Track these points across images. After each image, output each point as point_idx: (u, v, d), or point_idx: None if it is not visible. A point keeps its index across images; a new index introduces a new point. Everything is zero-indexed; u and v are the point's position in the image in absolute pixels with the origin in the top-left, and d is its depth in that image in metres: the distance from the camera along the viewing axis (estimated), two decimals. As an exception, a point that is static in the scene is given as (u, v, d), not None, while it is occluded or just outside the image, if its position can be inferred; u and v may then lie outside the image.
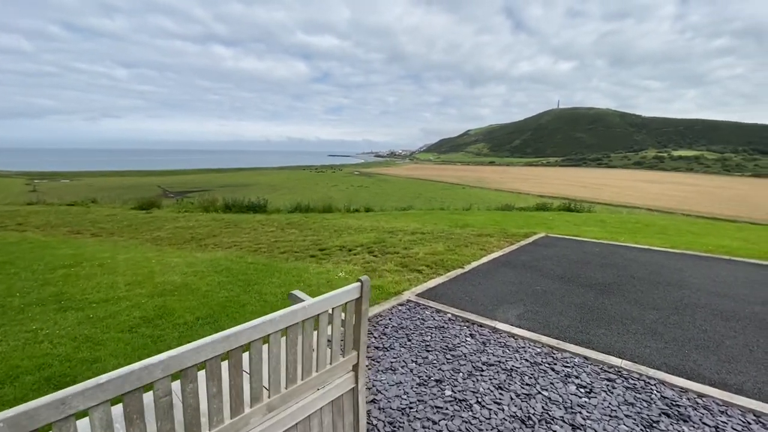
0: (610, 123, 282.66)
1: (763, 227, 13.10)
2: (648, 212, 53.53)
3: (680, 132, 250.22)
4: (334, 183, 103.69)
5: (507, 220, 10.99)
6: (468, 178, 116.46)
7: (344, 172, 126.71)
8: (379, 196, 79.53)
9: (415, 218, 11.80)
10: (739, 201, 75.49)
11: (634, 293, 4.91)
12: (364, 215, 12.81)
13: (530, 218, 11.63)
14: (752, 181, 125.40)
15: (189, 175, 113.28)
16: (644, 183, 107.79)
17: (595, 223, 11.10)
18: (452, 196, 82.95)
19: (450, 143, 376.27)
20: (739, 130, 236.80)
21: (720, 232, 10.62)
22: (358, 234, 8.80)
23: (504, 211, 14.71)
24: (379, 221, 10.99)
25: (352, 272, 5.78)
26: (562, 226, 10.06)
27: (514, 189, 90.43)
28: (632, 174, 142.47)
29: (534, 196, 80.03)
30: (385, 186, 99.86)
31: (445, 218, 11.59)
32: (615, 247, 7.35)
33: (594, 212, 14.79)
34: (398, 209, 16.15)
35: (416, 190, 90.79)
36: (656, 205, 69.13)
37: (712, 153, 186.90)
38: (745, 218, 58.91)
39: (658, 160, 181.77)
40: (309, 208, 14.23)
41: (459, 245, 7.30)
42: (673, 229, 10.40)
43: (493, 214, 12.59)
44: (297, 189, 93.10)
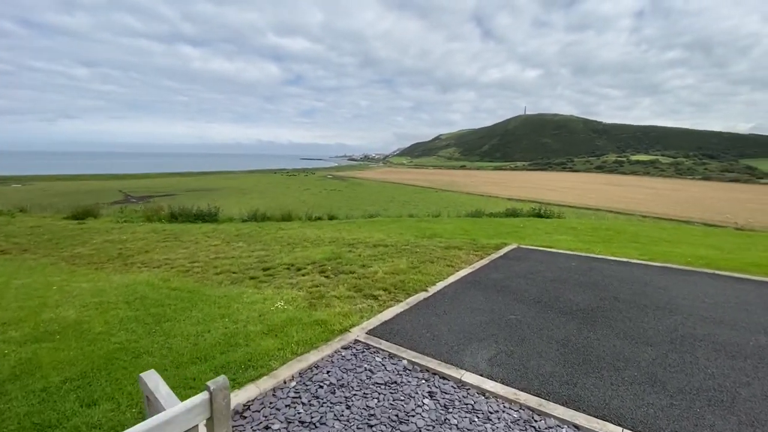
0: (574, 129, 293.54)
1: (726, 232, 13.08)
2: (614, 216, 55.24)
3: (637, 138, 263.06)
4: (307, 186, 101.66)
5: (477, 229, 10.28)
6: (440, 181, 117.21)
7: (317, 176, 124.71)
8: (353, 200, 78.41)
9: (380, 227, 10.90)
10: (691, 203, 79.47)
11: (621, 322, 4.19)
12: (327, 224, 11.79)
13: (501, 226, 10.98)
14: (702, 184, 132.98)
15: (154, 178, 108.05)
16: (606, 186, 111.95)
17: (566, 230, 10.58)
18: (425, 199, 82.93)
19: (422, 147, 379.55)
20: (689, 137, 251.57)
21: (690, 238, 10.33)
22: (313, 248, 7.79)
23: (474, 217, 14.06)
24: (341, 231, 10.00)
25: (294, 300, 4.78)
26: (534, 235, 9.44)
27: (484, 192, 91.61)
28: (595, 177, 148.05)
29: (503, 199, 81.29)
30: (359, 189, 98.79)
31: (412, 227, 10.76)
32: (592, 261, 6.71)
33: (564, 218, 14.41)
34: (365, 216, 15.20)
35: (390, 194, 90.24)
36: (617, 207, 71.63)
37: (667, 157, 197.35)
38: (698, 219, 61.87)
39: (618, 165, 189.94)
40: (265, 216, 13.02)
41: (424, 261, 6.44)
42: (645, 237, 10.00)
43: (462, 222, 11.88)
44: (268, 193, 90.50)
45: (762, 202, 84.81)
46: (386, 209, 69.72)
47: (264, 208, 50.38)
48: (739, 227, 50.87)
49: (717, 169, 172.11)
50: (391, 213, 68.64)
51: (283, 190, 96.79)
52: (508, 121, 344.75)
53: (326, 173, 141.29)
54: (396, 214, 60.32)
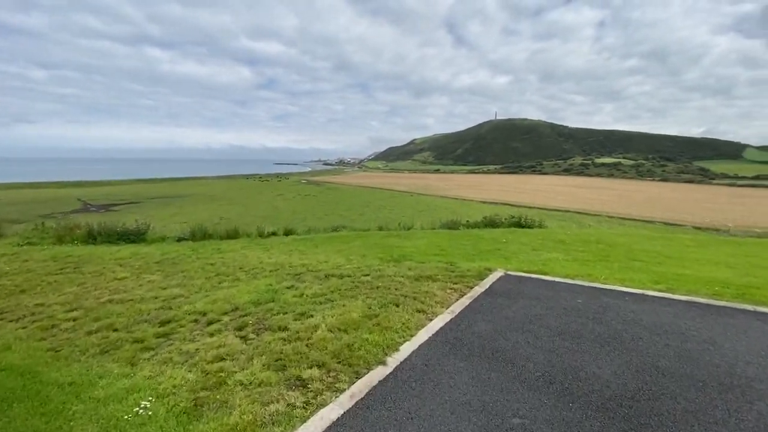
0: (542, 133, 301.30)
1: (718, 241, 12.13)
2: (596, 224, 55.47)
3: (601, 141, 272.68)
4: (280, 192, 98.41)
5: (454, 247, 8.70)
6: (415, 185, 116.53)
7: (291, 181, 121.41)
8: (327, 205, 76.07)
9: (341, 245, 9.16)
10: (651, 203, 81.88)
11: (681, 416, 2.64)
12: (279, 242, 9.93)
13: (480, 241, 9.46)
14: (661, 185, 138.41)
15: (117, 186, 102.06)
16: (573, 188, 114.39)
17: (554, 245, 9.18)
18: (401, 203, 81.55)
19: (397, 151, 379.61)
20: (648, 140, 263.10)
21: (689, 252, 9.14)
22: (246, 282, 5.96)
23: (450, 229, 12.52)
24: (291, 254, 8.20)
25: (175, 393, 2.97)
26: (520, 254, 7.95)
27: (458, 196, 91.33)
28: (563, 180, 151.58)
29: (478, 203, 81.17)
30: (334, 194, 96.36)
31: (378, 245, 9.06)
32: (600, 294, 5.22)
33: (546, 227, 13.13)
34: (328, 230, 13.43)
35: (366, 199, 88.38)
36: (586, 208, 72.72)
37: (628, 160, 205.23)
38: (659, 219, 63.56)
39: (583, 167, 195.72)
40: (207, 234, 10.99)
41: (386, 303, 4.74)
42: (642, 252, 8.72)
43: (437, 237, 10.30)
44: (238, 199, 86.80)
45: (715, 202, 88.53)
46: (362, 214, 68.12)
47: (232, 216, 46.98)
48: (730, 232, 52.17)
49: (674, 170, 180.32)
50: (367, 218, 67.04)
51: (255, 195, 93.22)
52: (480, 126, 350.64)
53: (300, 178, 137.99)
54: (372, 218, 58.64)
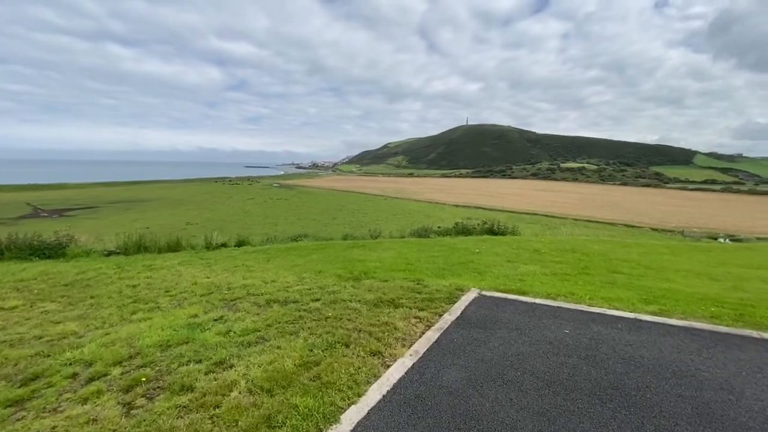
0: (511, 139, 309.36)
1: (690, 248, 11.89)
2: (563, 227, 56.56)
3: (566, 147, 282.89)
4: (251, 196, 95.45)
5: (423, 260, 7.78)
6: (389, 189, 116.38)
7: (263, 185, 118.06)
8: (300, 209, 74.30)
9: (296, 260, 8.06)
10: (612, 206, 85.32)
11: None
12: (225, 256, 8.71)
13: (452, 252, 8.61)
14: (621, 189, 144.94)
15: (74, 189, 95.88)
16: (541, 192, 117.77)
17: (530, 255, 8.46)
18: (375, 207, 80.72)
19: (371, 155, 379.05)
20: (609, 146, 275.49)
21: (666, 262, 8.66)
22: (166, 311, 4.80)
23: (420, 237, 11.65)
24: (235, 272, 7.04)
25: None
26: (495, 267, 7.14)
27: (432, 199, 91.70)
28: (531, 184, 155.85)
29: (451, 206, 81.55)
30: (307, 198, 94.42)
31: (339, 258, 8.02)
32: (589, 321, 4.42)
33: (520, 235, 12.52)
34: (287, 239, 12.24)
35: (339, 202, 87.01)
36: (553, 211, 74.69)
37: (591, 165, 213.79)
38: (620, 221, 66.03)
39: (550, 171, 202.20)
40: (142, 246, 9.55)
41: (334, 342, 3.72)
42: (620, 262, 8.13)
43: (405, 247, 9.37)
44: (206, 203, 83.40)
45: (670, 204, 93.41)
46: (335, 218, 66.80)
47: (200, 221, 44.50)
48: (684, 233, 54.06)
49: (632, 175, 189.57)
50: (340, 221, 65.75)
51: (225, 200, 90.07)
52: (452, 131, 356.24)
53: (272, 181, 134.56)
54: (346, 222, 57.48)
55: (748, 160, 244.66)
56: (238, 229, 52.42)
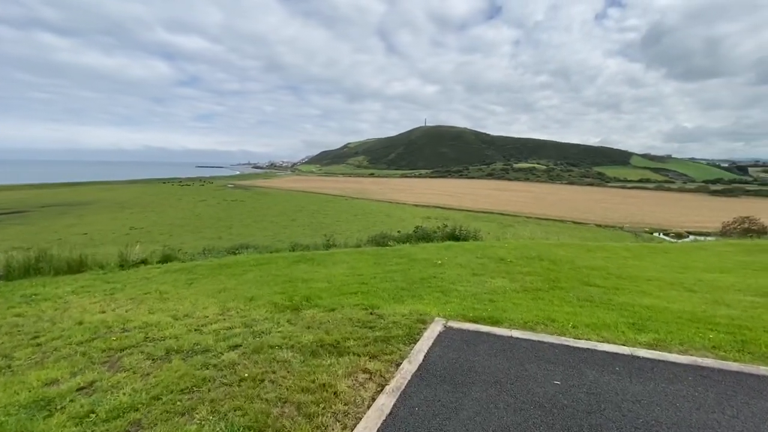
0: (467, 140, 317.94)
1: (650, 249, 11.77)
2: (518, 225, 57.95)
3: (518, 148, 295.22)
4: (203, 197, 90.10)
5: (380, 275, 6.69)
6: (350, 189, 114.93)
7: (216, 185, 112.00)
8: (257, 212, 70.87)
9: (227, 281, 6.67)
10: (562, 205, 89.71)
11: None
12: (141, 276, 7.12)
13: (412, 264, 7.60)
14: (568, 188, 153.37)
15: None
16: (496, 191, 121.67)
17: (496, 265, 7.65)
18: (336, 208, 78.85)
19: (332, 155, 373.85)
20: (557, 148, 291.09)
21: (632, 268, 8.22)
22: (18, 374, 3.34)
23: (378, 246, 10.56)
24: (145, 299, 5.57)
25: None
26: (461, 283, 6.21)
27: (392, 199, 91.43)
28: (486, 183, 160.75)
29: (411, 206, 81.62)
30: (265, 200, 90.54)
31: (280, 278, 6.72)
32: (579, 362, 3.53)
33: (482, 239, 11.84)
34: (226, 250, 10.69)
35: (299, 203, 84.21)
36: (508, 210, 77.07)
37: (541, 165, 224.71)
38: (568, 218, 69.39)
39: (504, 171, 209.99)
40: (32, 267, 7.57)
41: (243, 429, 2.53)
42: (589, 270, 7.53)
43: (361, 258, 8.22)
44: (153, 206, 77.47)
45: (611, 202, 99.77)
46: (294, 219, 64.32)
47: (145, 225, 40.69)
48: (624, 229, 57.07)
49: (577, 174, 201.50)
50: (300, 222, 63.21)
51: (174, 202, 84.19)
52: (412, 132, 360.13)
53: (227, 182, 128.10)
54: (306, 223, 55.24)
55: (677, 161, 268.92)
56: (187, 233, 48.75)
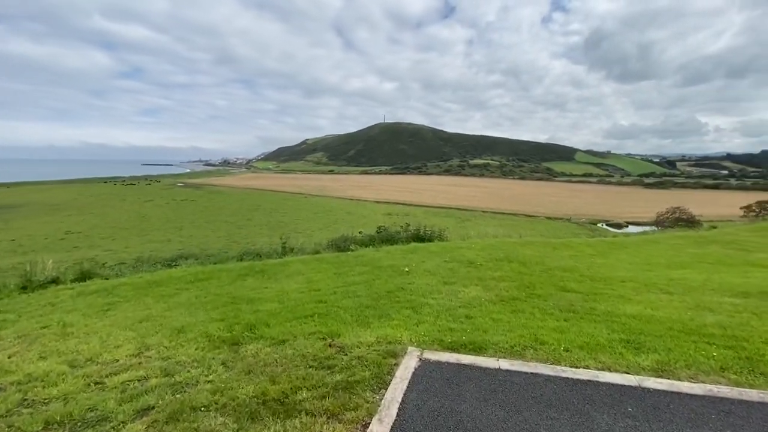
0: (425, 137, 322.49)
1: (610, 245, 11.81)
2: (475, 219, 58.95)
3: (473, 145, 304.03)
4: (150, 197, 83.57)
5: (340, 292, 5.77)
6: (310, 186, 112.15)
7: (164, 184, 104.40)
8: (209, 212, 66.71)
9: (155, 304, 5.46)
10: (515, 199, 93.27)
11: None
12: (49, 299, 5.69)
13: (377, 274, 6.76)
14: (520, 183, 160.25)
15: None
16: (453, 187, 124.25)
17: (467, 271, 7.03)
18: (295, 206, 76.17)
19: (289, 152, 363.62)
20: (509, 144, 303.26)
21: (597, 263, 7.98)
22: None
23: (339, 251, 9.57)
24: (42, 335, 4.30)
25: None
26: (432, 296, 5.48)
27: (353, 196, 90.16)
28: (444, 180, 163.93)
29: (372, 202, 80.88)
30: (218, 198, 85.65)
31: (221, 297, 5.60)
32: (582, 400, 2.88)
33: (447, 240, 11.27)
34: (162, 261, 9.21)
35: (255, 202, 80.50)
36: (464, 205, 78.72)
37: (495, 161, 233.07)
38: (521, 212, 72.23)
39: (461, 168, 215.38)
40: None
41: None
42: (560, 271, 7.13)
43: (319, 269, 7.22)
44: (92, 207, 70.63)
45: (559, 195, 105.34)
46: (250, 219, 61.25)
47: (84, 229, 36.32)
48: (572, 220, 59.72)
49: (528, 170, 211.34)
50: (256, 222, 60.21)
51: (117, 203, 77.30)
52: (371, 128, 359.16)
53: (177, 180, 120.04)
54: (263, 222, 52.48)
55: (615, 156, 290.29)
56: (132, 236, 44.54)
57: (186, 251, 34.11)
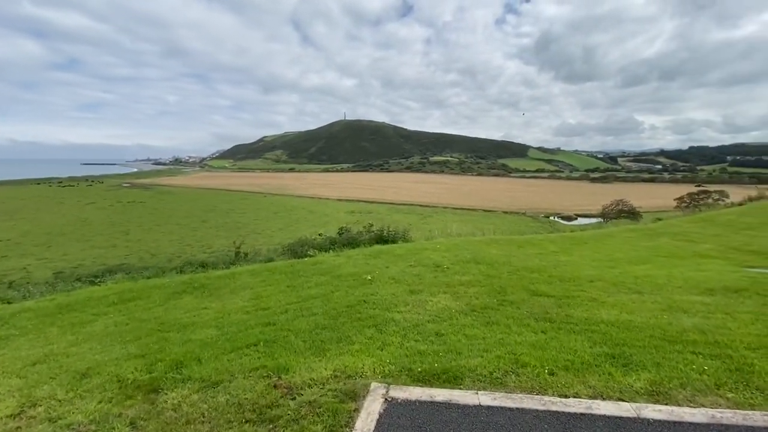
0: (387, 134, 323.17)
1: (566, 238, 11.86)
2: (436, 215, 59.34)
3: (433, 142, 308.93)
4: (92, 199, 76.67)
5: (293, 310, 4.97)
6: (269, 185, 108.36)
7: (108, 185, 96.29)
8: (159, 214, 62.21)
9: (62, 335, 4.42)
10: (473, 194, 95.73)
11: None
12: None
13: (337, 285, 6.04)
14: (478, 179, 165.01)
15: None
16: (415, 183, 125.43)
17: (434, 276, 6.52)
18: (253, 205, 72.96)
19: (247, 149, 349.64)
20: (467, 142, 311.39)
21: (561, 261, 7.80)
22: None
23: (296, 258, 8.66)
24: None
25: None
26: (397, 309, 4.87)
27: (315, 195, 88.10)
28: (406, 177, 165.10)
29: (334, 201, 79.41)
30: (169, 200, 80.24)
31: (146, 323, 4.61)
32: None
33: (412, 242, 10.76)
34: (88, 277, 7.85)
35: (210, 202, 76.28)
36: (425, 201, 79.56)
37: (454, 158, 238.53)
38: (479, 207, 74.21)
39: (421, 165, 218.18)
40: None
41: None
42: (528, 272, 6.81)
43: (270, 282, 6.34)
44: (24, 212, 63.58)
45: (514, 191, 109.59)
46: (205, 221, 57.82)
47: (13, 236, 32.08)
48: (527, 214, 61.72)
49: (485, 166, 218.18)
50: (211, 224, 56.79)
51: (53, 206, 70.10)
52: (332, 125, 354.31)
53: (122, 181, 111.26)
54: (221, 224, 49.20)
55: (565, 153, 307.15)
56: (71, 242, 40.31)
57: (131, 259, 31.18)
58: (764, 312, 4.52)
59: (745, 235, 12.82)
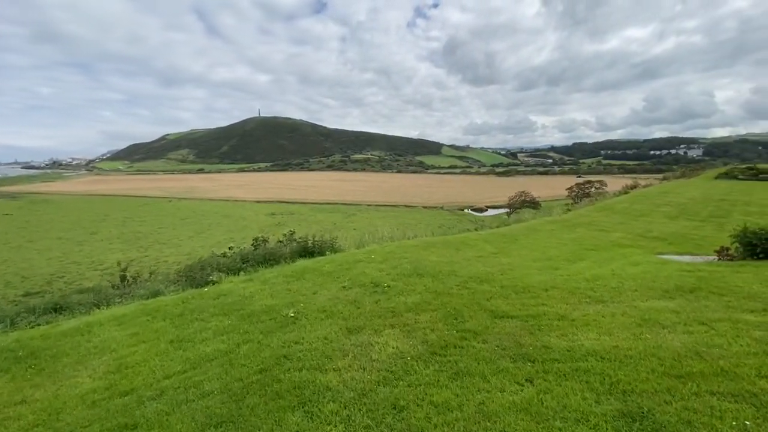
0: (305, 132, 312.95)
1: (497, 235, 11.54)
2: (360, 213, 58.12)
3: (353, 141, 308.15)
4: (-70, 214, 59.86)
5: (174, 386, 3.25)
6: (175, 188, 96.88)
7: (-46, 195, 76.37)
8: (33, 229, 50.69)
9: None
10: (394, 191, 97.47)
11: None
12: None
13: (248, 332, 4.32)
14: (398, 176, 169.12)
15: None
16: (337, 182, 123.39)
17: (375, 302, 5.21)
18: (156, 212, 63.88)
19: (145, 149, 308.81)
20: (386, 140, 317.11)
21: (509, 267, 7.14)
22: None
23: (192, 289, 6.48)
24: None
25: None
26: (333, 369, 3.46)
27: (229, 197, 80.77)
28: (327, 175, 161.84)
29: (252, 202, 73.51)
30: (47, 209, 66.34)
31: None
32: None
33: (342, 251, 9.32)
34: None
35: (101, 211, 64.96)
36: (348, 200, 78.40)
37: (374, 156, 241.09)
38: (401, 203, 75.68)
39: (343, 163, 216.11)
40: None
41: None
42: (476, 282, 5.92)
43: (144, 335, 4.30)
44: None
45: (431, 186, 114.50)
46: (94, 233, 48.90)
47: None
48: (444, 208, 63.67)
49: (404, 163, 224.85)
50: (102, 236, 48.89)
51: None
52: (245, 122, 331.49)
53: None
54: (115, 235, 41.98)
55: (473, 150, 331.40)
56: None
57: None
58: (736, 318, 4.13)
59: (642, 221, 14.04)
